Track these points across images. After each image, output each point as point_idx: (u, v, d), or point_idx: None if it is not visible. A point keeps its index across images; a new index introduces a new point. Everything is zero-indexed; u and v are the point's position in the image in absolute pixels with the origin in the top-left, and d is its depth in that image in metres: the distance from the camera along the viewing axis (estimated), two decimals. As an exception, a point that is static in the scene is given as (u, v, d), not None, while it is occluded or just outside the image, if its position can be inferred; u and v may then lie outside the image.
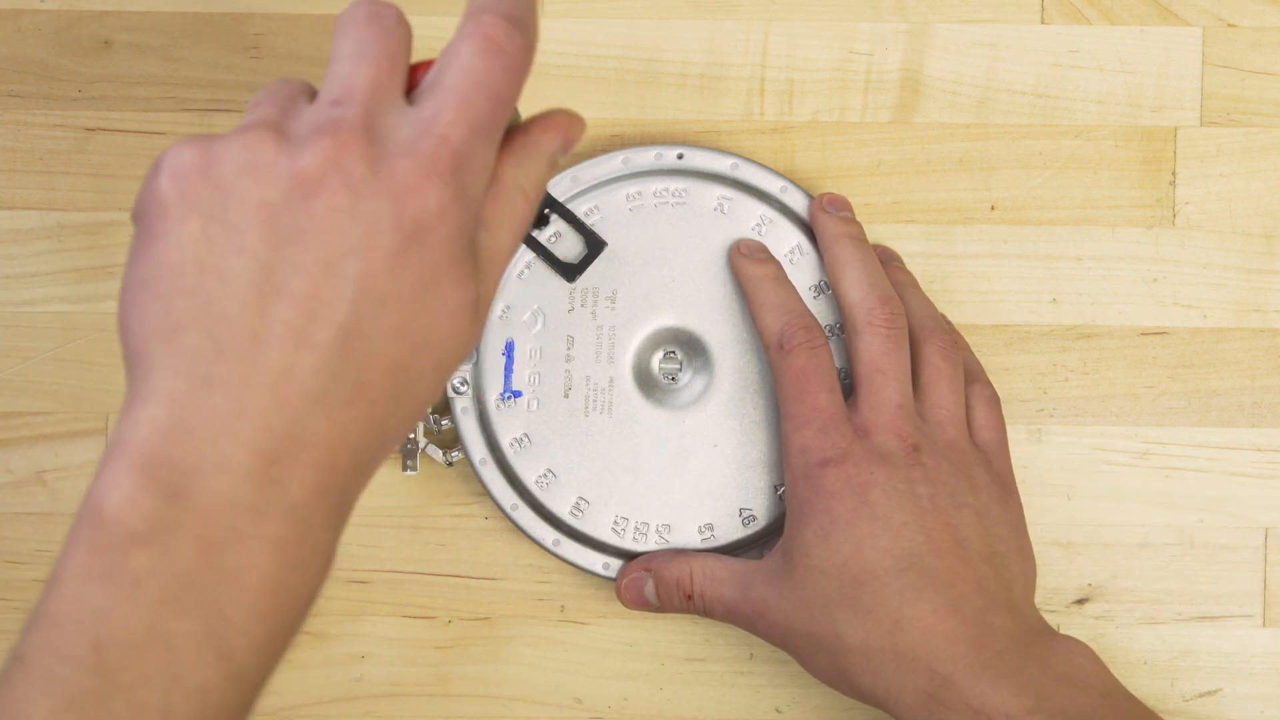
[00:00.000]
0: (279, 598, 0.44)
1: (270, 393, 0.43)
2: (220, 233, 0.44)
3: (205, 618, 0.42)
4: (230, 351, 0.43)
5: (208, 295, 0.43)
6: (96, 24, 0.67)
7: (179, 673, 0.42)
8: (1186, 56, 0.67)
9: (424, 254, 0.44)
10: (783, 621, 0.60)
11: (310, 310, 0.43)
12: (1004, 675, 0.57)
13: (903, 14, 0.67)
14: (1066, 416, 0.66)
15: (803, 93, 0.67)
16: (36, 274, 0.67)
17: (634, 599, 0.64)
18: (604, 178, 0.65)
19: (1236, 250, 0.66)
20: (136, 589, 0.42)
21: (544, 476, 0.64)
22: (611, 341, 0.65)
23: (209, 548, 0.42)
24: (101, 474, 0.43)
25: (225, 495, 0.43)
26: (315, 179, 0.44)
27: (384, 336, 0.44)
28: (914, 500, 0.59)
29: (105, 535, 0.42)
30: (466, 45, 0.46)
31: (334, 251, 0.43)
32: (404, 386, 0.45)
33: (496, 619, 0.66)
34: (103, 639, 0.42)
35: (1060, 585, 0.66)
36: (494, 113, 0.46)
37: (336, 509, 0.45)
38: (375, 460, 0.46)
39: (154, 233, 0.44)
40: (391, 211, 0.44)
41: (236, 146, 0.44)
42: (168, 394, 0.43)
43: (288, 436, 0.43)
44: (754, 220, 0.65)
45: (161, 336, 0.43)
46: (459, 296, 0.45)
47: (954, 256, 0.67)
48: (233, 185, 0.44)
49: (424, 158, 0.44)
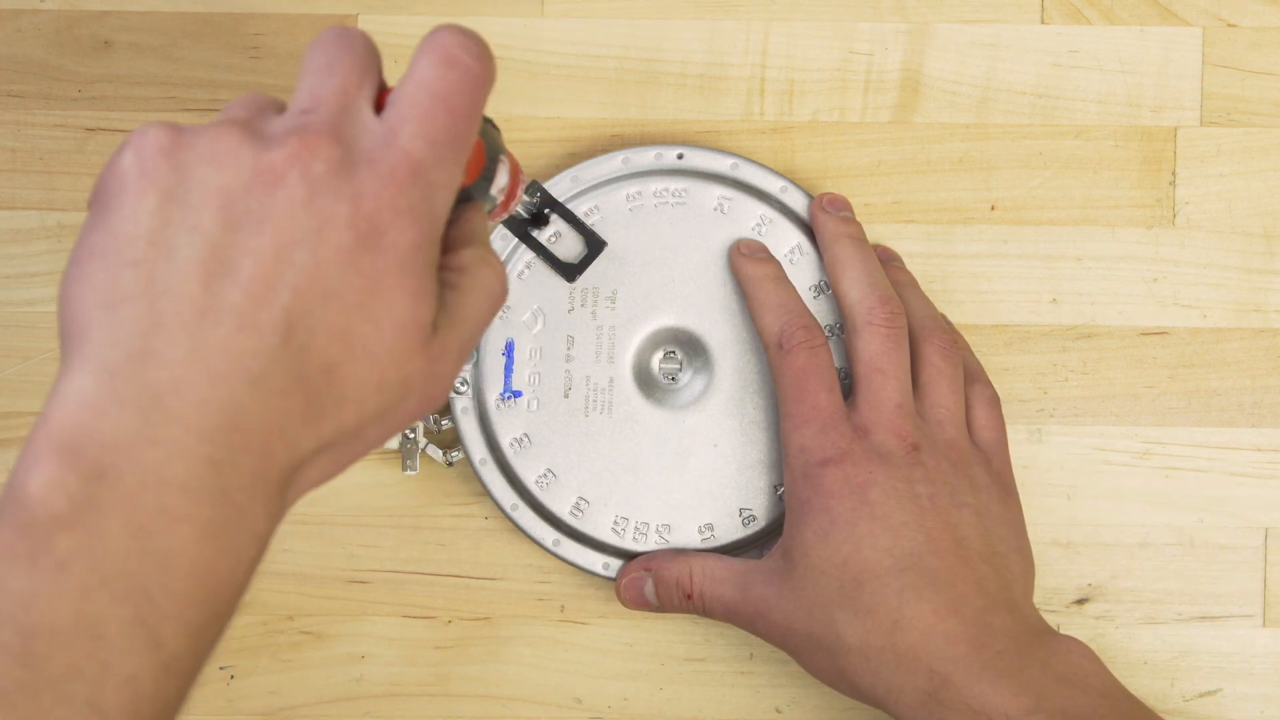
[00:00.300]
0: (210, 584, 0.42)
1: (208, 369, 0.42)
2: (176, 211, 0.43)
3: (135, 604, 0.41)
4: (169, 325, 0.42)
5: (154, 269, 0.43)
6: (96, 24, 0.67)
7: (109, 662, 0.41)
8: (1186, 56, 0.67)
9: (376, 258, 0.44)
10: (782, 621, 0.60)
11: (256, 293, 0.43)
12: (1004, 675, 0.57)
13: (903, 14, 0.67)
14: (1066, 416, 0.66)
15: (803, 93, 0.67)
16: (36, 274, 0.67)
17: (634, 599, 0.64)
18: (604, 178, 0.65)
19: (1236, 250, 0.66)
20: (62, 573, 0.40)
21: (544, 476, 0.64)
22: (611, 341, 0.65)
23: (138, 529, 0.41)
24: (25, 453, 0.41)
25: (155, 473, 0.41)
26: (277, 171, 0.43)
27: (325, 333, 0.43)
28: (913, 500, 0.59)
29: (28, 516, 0.41)
30: (424, 60, 0.46)
31: (286, 240, 0.43)
32: (342, 393, 0.44)
33: (496, 619, 0.66)
34: (29, 627, 0.40)
35: (1060, 585, 0.66)
36: (454, 126, 0.45)
37: (273, 498, 0.44)
38: (312, 468, 0.45)
39: (110, 206, 0.44)
40: (348, 211, 0.44)
41: (205, 136, 0.44)
42: (100, 364, 0.42)
43: (223, 416, 0.42)
44: (754, 220, 0.65)
45: (102, 306, 0.43)
46: (409, 312, 0.44)
47: (954, 256, 0.67)
48: (195, 169, 0.44)
49: (385, 168, 0.44)
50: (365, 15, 0.67)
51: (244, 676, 0.66)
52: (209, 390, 0.42)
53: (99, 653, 0.41)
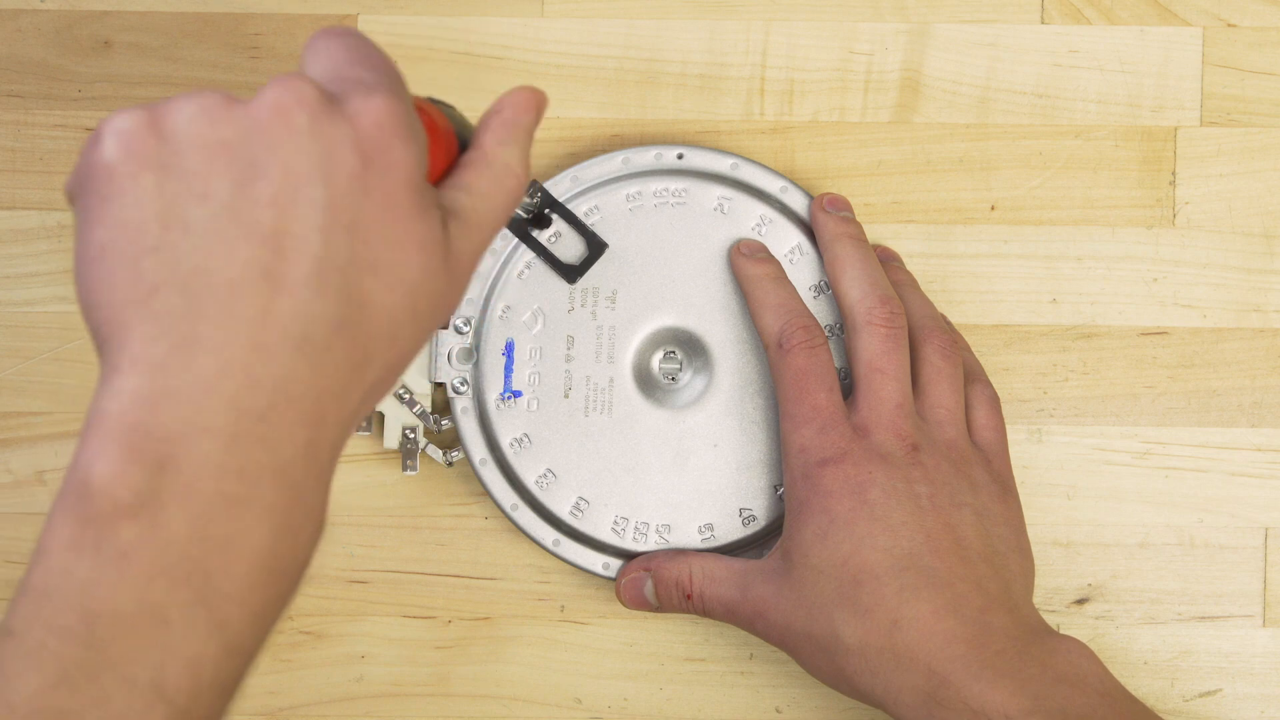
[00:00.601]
0: (271, 565, 0.43)
1: (252, 345, 0.42)
2: (178, 183, 0.43)
3: (197, 588, 0.42)
4: (206, 306, 0.42)
5: (175, 250, 0.42)
6: (96, 24, 0.67)
7: (171, 645, 0.41)
8: (1186, 56, 0.67)
9: (384, 177, 0.44)
10: (781, 621, 0.60)
11: (281, 247, 0.42)
12: (1003, 675, 0.56)
13: (903, 14, 0.67)
14: (1066, 416, 0.66)
15: (803, 93, 0.67)
16: (36, 274, 0.67)
17: (633, 599, 0.64)
18: (604, 178, 0.65)
19: (1236, 250, 0.66)
20: (125, 561, 0.41)
21: (544, 476, 0.64)
22: (611, 341, 0.65)
23: (198, 517, 0.42)
24: (85, 446, 0.42)
25: (212, 460, 0.42)
26: (272, 108, 0.43)
27: (356, 269, 0.43)
28: (913, 500, 0.59)
29: (92, 508, 0.41)
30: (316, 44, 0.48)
31: (298, 178, 0.43)
32: (381, 328, 0.44)
33: (496, 619, 0.66)
34: (92, 611, 0.41)
35: (1060, 585, 0.66)
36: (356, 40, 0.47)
37: (325, 467, 0.44)
38: (359, 414, 0.45)
39: (104, 196, 0.43)
40: (350, 133, 0.44)
41: (184, 101, 0.44)
42: (146, 360, 0.42)
43: (273, 391, 0.42)
44: (754, 220, 0.65)
45: (133, 301, 0.42)
46: (424, 227, 0.45)
47: (954, 256, 0.67)
48: (185, 132, 0.43)
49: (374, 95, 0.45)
50: (365, 15, 0.67)
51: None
52: (255, 365, 0.42)
53: (161, 636, 0.41)
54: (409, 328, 0.45)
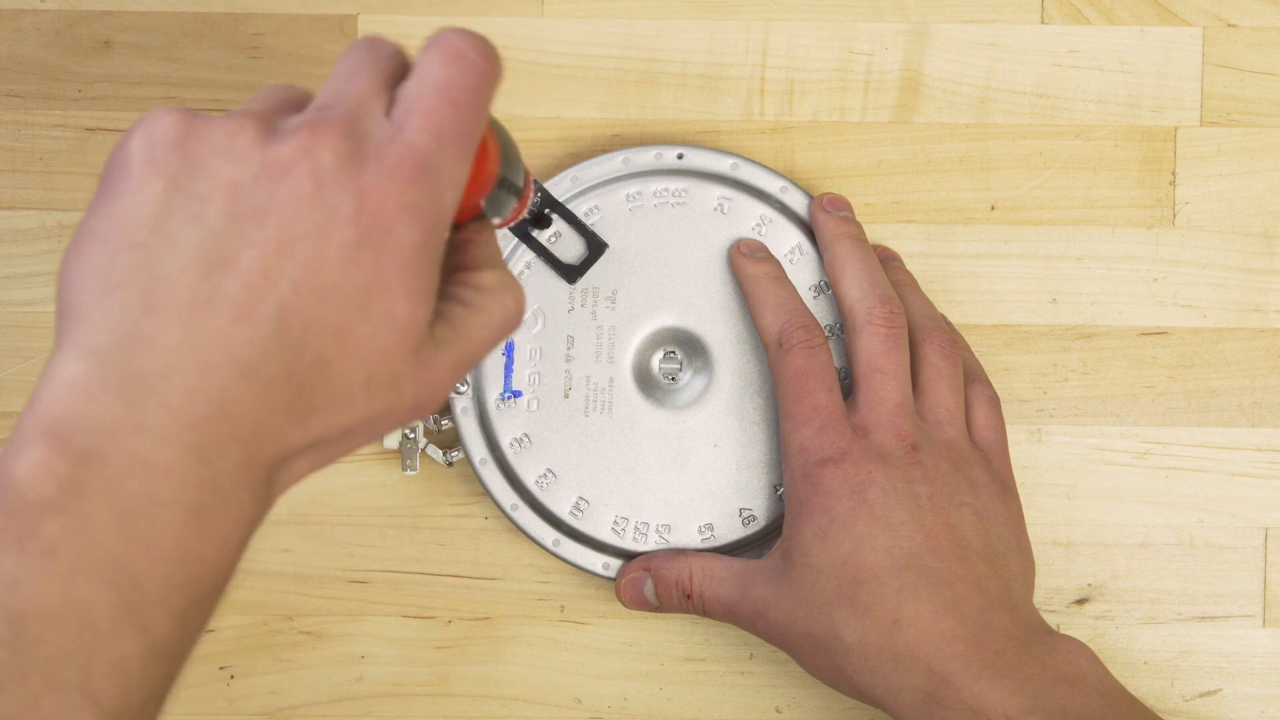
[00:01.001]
0: (195, 568, 0.42)
1: (198, 358, 0.42)
2: (181, 201, 0.43)
3: (121, 588, 0.41)
4: (163, 311, 0.42)
5: (152, 254, 0.43)
6: (96, 24, 0.67)
7: (97, 646, 0.41)
8: (1186, 56, 0.67)
9: (378, 256, 0.44)
10: (781, 621, 0.60)
11: (254, 285, 0.43)
12: (1002, 674, 0.57)
13: (903, 14, 0.67)
14: (1066, 416, 0.66)
15: (803, 93, 0.67)
16: (36, 274, 0.67)
17: (633, 599, 0.64)
18: (604, 178, 0.65)
19: (1236, 250, 0.66)
20: (50, 557, 0.41)
21: (544, 476, 0.64)
22: (611, 341, 0.65)
23: (123, 514, 0.41)
24: (13, 438, 0.42)
25: (142, 458, 0.41)
26: (285, 164, 0.43)
27: (320, 328, 0.43)
28: (912, 499, 0.59)
29: (16, 500, 0.41)
30: (428, 56, 0.46)
31: (289, 234, 0.43)
32: (332, 391, 0.44)
33: (496, 619, 0.66)
34: (17, 611, 0.40)
35: (1060, 585, 0.66)
36: (460, 119, 0.45)
37: (259, 487, 0.44)
38: (297, 464, 0.45)
39: (114, 190, 0.44)
40: (352, 206, 0.44)
41: (219, 128, 0.44)
42: (90, 348, 0.42)
43: (211, 405, 0.42)
44: (754, 220, 0.65)
45: (98, 290, 0.43)
46: (405, 311, 0.44)
47: (954, 256, 0.67)
48: (204, 161, 0.44)
49: (391, 163, 0.44)
50: (366, 15, 0.67)
51: (244, 676, 0.66)
52: (198, 378, 0.42)
53: (87, 637, 0.41)
54: (362, 399, 0.44)
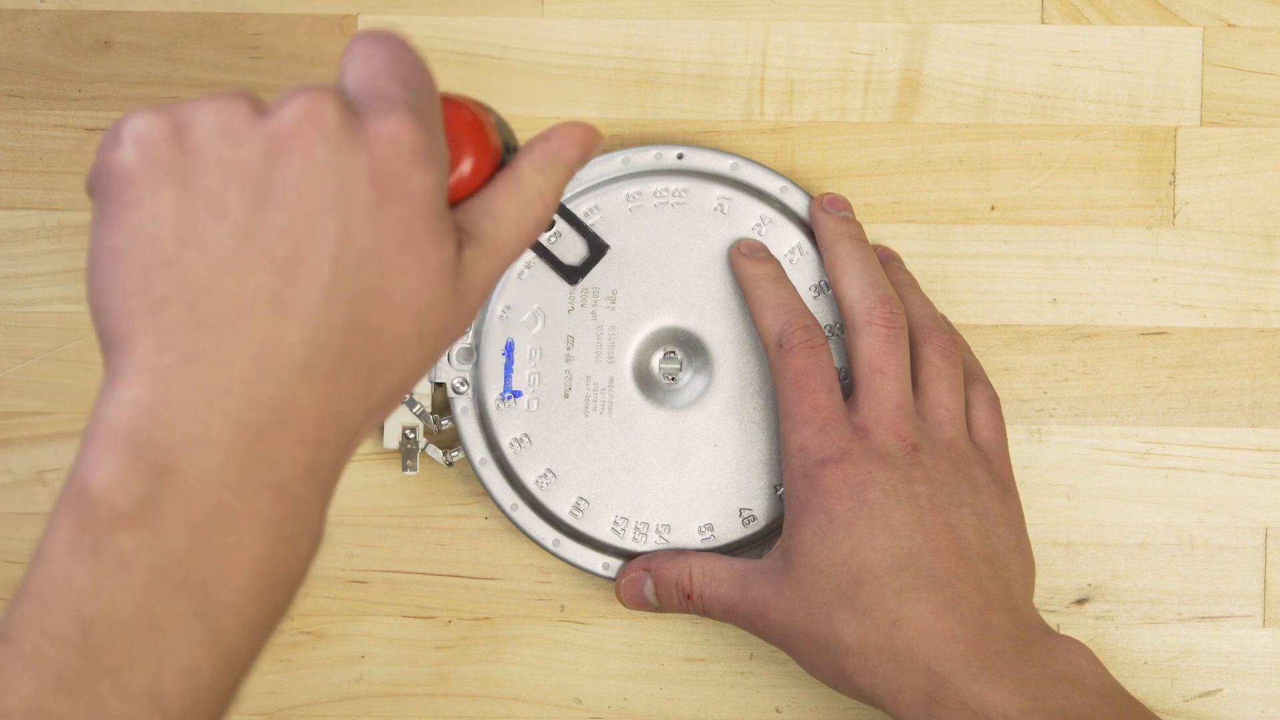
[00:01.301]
0: (269, 577, 0.43)
1: (256, 365, 0.43)
2: (198, 200, 0.43)
3: (194, 598, 0.42)
4: (214, 324, 0.43)
5: (188, 266, 0.43)
6: (96, 24, 0.67)
7: (167, 654, 0.42)
8: (1186, 56, 0.67)
9: (400, 208, 0.44)
10: (781, 621, 0.60)
11: (293, 274, 0.43)
12: (1002, 675, 0.57)
13: (903, 14, 0.67)
14: (1066, 416, 0.66)
15: (803, 93, 0.67)
16: (36, 274, 0.67)
17: (633, 599, 0.64)
18: (604, 178, 0.65)
19: (1236, 250, 0.66)
20: (124, 569, 0.41)
21: (544, 476, 0.64)
22: (611, 341, 0.65)
23: (197, 527, 0.42)
24: (86, 452, 0.42)
25: (213, 473, 0.42)
26: (291, 132, 0.43)
27: (366, 299, 0.44)
28: (912, 499, 0.59)
29: (92, 514, 0.42)
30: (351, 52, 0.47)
31: (313, 208, 0.43)
32: (387, 355, 0.45)
33: (496, 619, 0.66)
34: (90, 618, 0.41)
35: (1060, 585, 0.66)
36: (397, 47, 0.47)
37: (325, 485, 0.45)
38: (361, 434, 0.46)
39: (123, 202, 0.44)
40: (367, 163, 0.44)
41: (209, 110, 0.44)
42: (150, 371, 0.42)
43: (275, 410, 0.43)
44: (754, 220, 0.65)
45: (141, 312, 0.43)
46: (438, 256, 0.45)
47: (954, 256, 0.67)
48: (207, 149, 0.44)
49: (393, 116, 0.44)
50: (366, 15, 0.67)
51: (244, 676, 0.66)
52: (258, 386, 0.43)
53: (157, 644, 0.42)
54: (414, 352, 0.45)
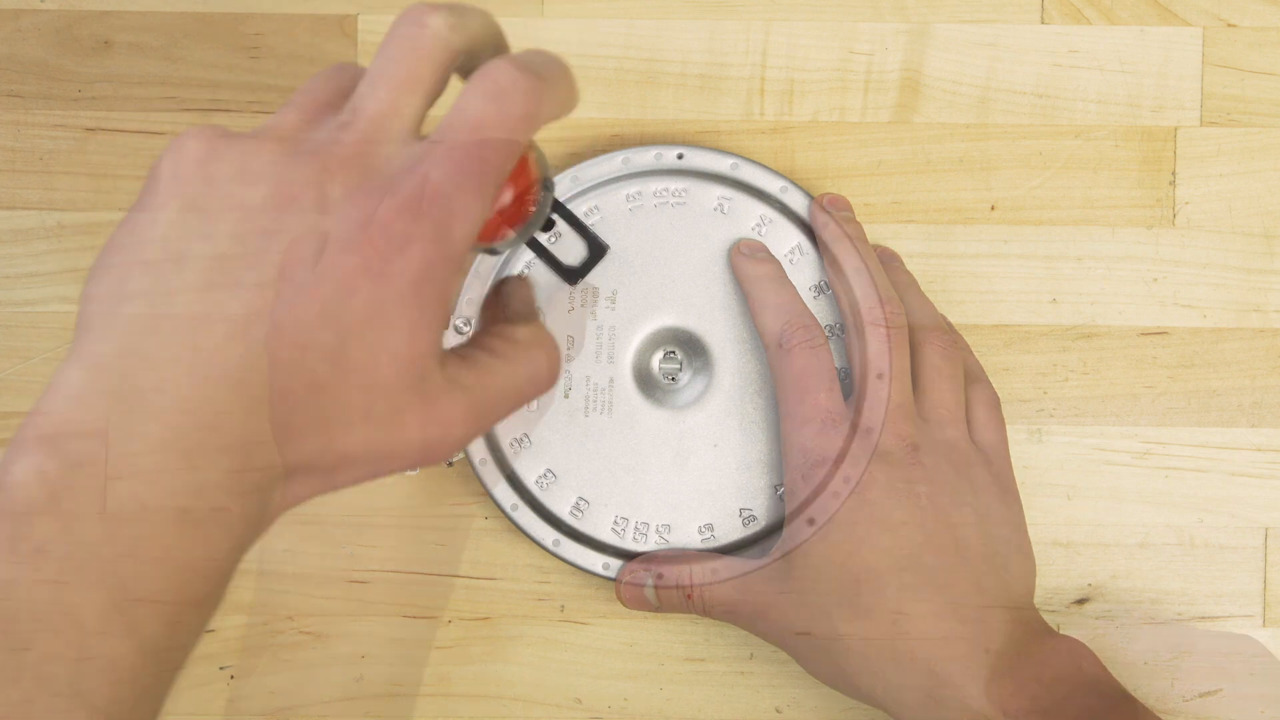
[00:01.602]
0: (183, 573, 0.43)
1: (193, 373, 0.43)
2: (194, 220, 0.44)
3: (110, 590, 0.42)
4: (165, 329, 0.43)
5: (161, 272, 0.44)
6: (96, 24, 0.67)
7: (87, 646, 0.42)
8: (1186, 56, 0.67)
9: (376, 286, 0.44)
10: (782, 621, 0.60)
11: (253, 305, 0.43)
12: (1002, 675, 0.57)
13: (903, 14, 0.67)
14: (1066, 416, 0.66)
15: (803, 93, 0.67)
16: (36, 274, 0.67)
17: (633, 599, 0.64)
18: (604, 178, 0.65)
19: (1236, 250, 0.66)
20: (40, 559, 0.42)
21: (544, 476, 0.64)
22: (611, 341, 0.65)
23: (112, 518, 0.42)
24: (13, 440, 0.43)
25: (131, 464, 0.42)
26: (294, 192, 0.44)
27: (317, 353, 0.44)
28: (913, 500, 0.59)
29: (9, 503, 0.42)
30: (471, 88, 0.46)
31: (292, 258, 0.44)
32: (327, 415, 0.44)
33: (496, 619, 0.66)
34: (11, 612, 0.41)
35: (1060, 585, 0.66)
36: (484, 158, 0.45)
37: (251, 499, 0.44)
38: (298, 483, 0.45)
39: (142, 204, 0.45)
40: (353, 235, 0.44)
41: (239, 150, 0.45)
42: (94, 358, 0.43)
43: (203, 417, 0.43)
44: (754, 220, 0.65)
45: (108, 302, 0.44)
46: (405, 343, 0.44)
47: (954, 256, 0.67)
48: (221, 183, 0.45)
49: (402, 195, 0.44)
50: (365, 15, 0.67)
51: (244, 676, 0.66)
52: (191, 391, 0.43)
53: (77, 637, 0.42)
54: (361, 428, 0.45)
